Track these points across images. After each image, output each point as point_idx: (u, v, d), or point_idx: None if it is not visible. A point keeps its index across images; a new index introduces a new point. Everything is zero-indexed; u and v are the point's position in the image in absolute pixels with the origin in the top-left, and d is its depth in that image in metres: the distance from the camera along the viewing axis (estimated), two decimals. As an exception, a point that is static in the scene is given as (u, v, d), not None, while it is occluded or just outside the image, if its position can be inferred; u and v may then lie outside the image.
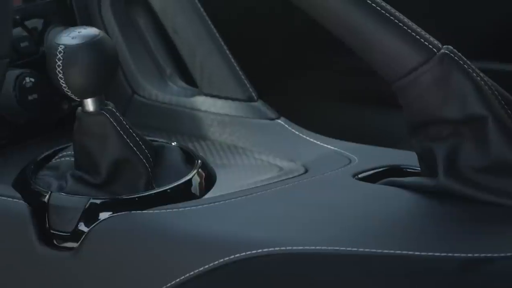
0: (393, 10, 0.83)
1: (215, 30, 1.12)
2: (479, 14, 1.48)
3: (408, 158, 0.91)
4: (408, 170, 0.92)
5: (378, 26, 0.82)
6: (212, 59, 1.11)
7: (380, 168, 0.94)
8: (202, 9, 1.12)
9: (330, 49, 1.46)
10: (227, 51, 1.12)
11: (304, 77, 1.58)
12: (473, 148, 0.81)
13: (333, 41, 0.87)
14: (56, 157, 0.98)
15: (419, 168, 0.87)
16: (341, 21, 0.83)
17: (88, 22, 1.13)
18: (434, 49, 0.81)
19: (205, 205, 0.89)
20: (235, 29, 1.24)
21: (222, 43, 1.12)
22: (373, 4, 0.83)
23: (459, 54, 0.81)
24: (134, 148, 0.92)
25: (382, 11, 0.83)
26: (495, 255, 0.76)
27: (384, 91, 0.89)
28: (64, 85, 0.88)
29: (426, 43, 0.82)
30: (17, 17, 1.06)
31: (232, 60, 1.11)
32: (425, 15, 1.13)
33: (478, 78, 0.81)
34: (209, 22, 1.12)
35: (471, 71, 0.81)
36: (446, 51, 0.81)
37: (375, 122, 1.49)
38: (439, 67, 0.80)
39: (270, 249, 0.80)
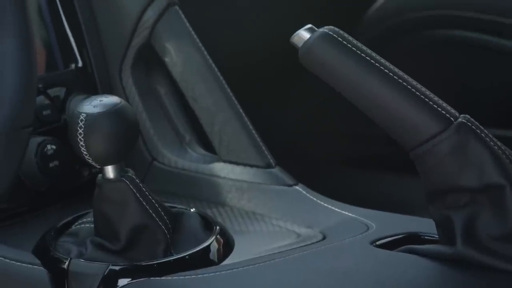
0: (410, 79, 0.84)
1: (234, 98, 1.13)
2: (492, 82, 1.49)
3: (426, 226, 0.91)
4: (426, 237, 0.92)
5: (395, 95, 0.83)
6: (231, 127, 1.12)
7: (398, 235, 0.94)
8: (221, 78, 1.13)
9: (347, 116, 1.47)
10: (246, 119, 1.13)
11: (322, 144, 1.59)
12: (491, 217, 0.81)
13: (351, 108, 0.88)
14: (76, 223, 0.98)
15: (437, 236, 0.87)
16: (359, 90, 0.84)
17: (110, 90, 1.15)
18: (451, 118, 0.82)
19: (223, 272, 0.89)
20: (251, 97, 1.25)
21: (241, 111, 1.13)
22: (390, 74, 0.84)
23: (476, 123, 0.82)
24: (153, 214, 0.93)
25: (399, 80, 0.84)
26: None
27: (402, 158, 0.89)
28: (85, 152, 0.89)
29: (443, 112, 0.82)
30: (40, 85, 1.08)
31: (251, 127, 1.12)
32: (440, 83, 1.14)
33: (496, 147, 0.81)
34: (228, 90, 1.13)
35: (488, 139, 0.82)
36: (463, 120, 0.82)
37: (393, 189, 1.49)
38: (456, 136, 0.81)
39: (289, 316, 0.80)
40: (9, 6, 0.86)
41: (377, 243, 0.92)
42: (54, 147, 1.06)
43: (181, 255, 0.92)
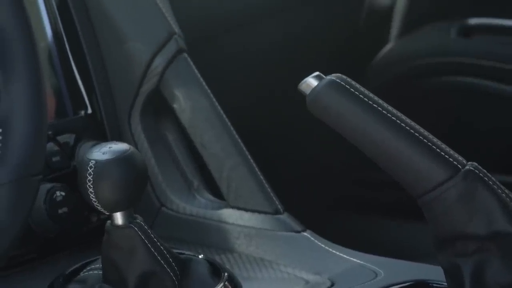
0: (417, 126, 0.85)
1: (242, 144, 1.14)
2: (497, 127, 1.50)
3: (434, 273, 0.91)
4: (434, 285, 0.92)
5: (402, 142, 0.84)
6: (239, 173, 1.12)
7: (406, 282, 0.93)
8: (229, 124, 1.14)
9: (355, 162, 1.48)
10: (254, 165, 1.13)
11: (330, 190, 1.59)
12: (500, 265, 0.81)
13: (359, 154, 0.88)
14: (84, 270, 0.98)
15: (446, 283, 0.87)
16: (366, 137, 0.85)
17: (119, 137, 1.16)
18: (458, 165, 0.82)
19: (231, 319, 0.89)
20: (260, 142, 1.25)
21: (249, 157, 1.13)
22: (397, 121, 0.84)
23: (484, 170, 0.82)
24: (162, 261, 0.92)
25: (406, 127, 0.84)
26: None
27: (410, 204, 0.89)
28: (94, 199, 0.89)
29: (450, 159, 0.82)
30: (50, 132, 1.09)
31: (259, 173, 1.13)
32: (446, 129, 1.15)
33: (504, 195, 0.81)
34: (236, 136, 1.14)
35: (496, 187, 0.82)
36: (471, 168, 0.82)
37: (401, 236, 1.49)
38: (464, 184, 0.81)
39: None
40: (20, 53, 0.87)
41: (386, 290, 0.92)
42: (63, 193, 1.06)
43: (189, 302, 0.92)
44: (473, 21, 1.56)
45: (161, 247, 0.93)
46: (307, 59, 1.54)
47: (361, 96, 0.85)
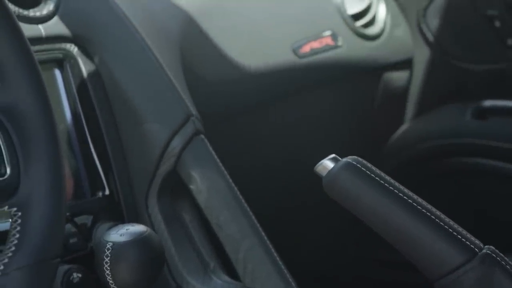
0: (433, 209, 0.85)
1: (258, 225, 1.14)
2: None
3: None
4: None
5: (419, 225, 0.84)
6: (255, 254, 1.12)
7: None
8: (246, 205, 1.14)
9: (370, 243, 1.47)
10: (270, 246, 1.13)
11: (347, 270, 1.58)
12: None
13: (375, 235, 0.88)
14: None
15: None
16: (382, 220, 0.85)
17: (135, 218, 1.16)
18: (475, 248, 0.82)
19: None
20: (277, 223, 1.25)
21: (265, 238, 1.13)
22: (413, 204, 0.84)
23: (501, 254, 0.82)
24: None
25: (423, 210, 0.84)
26: None
27: (427, 287, 0.89)
28: (111, 281, 0.90)
29: (467, 242, 0.82)
30: (67, 213, 1.09)
31: (275, 254, 1.13)
32: (462, 211, 1.15)
33: (521, 280, 0.81)
34: (253, 217, 1.14)
35: (513, 271, 0.82)
36: (488, 251, 0.82)
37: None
38: (481, 268, 0.81)
39: None
40: (41, 136, 0.88)
41: None
42: (80, 275, 1.06)
43: None
44: (488, 103, 1.58)
45: (177, 328, 0.93)
46: (323, 141, 1.55)
47: (377, 178, 0.85)
